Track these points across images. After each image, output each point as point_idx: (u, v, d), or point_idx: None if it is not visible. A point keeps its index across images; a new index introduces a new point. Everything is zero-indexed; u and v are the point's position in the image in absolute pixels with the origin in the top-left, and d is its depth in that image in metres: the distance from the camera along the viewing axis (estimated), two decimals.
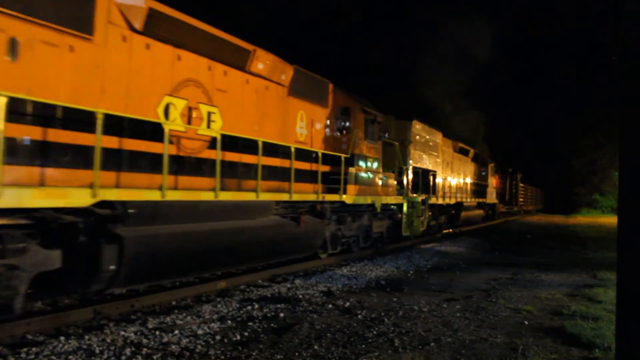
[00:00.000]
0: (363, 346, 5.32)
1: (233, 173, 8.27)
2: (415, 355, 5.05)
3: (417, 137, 16.64)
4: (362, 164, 12.11)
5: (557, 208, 59.48)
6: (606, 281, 9.64)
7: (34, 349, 4.82)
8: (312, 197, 9.94)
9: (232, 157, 8.24)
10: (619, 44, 3.08)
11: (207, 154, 7.68)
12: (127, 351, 4.88)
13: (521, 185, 43.19)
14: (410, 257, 12.94)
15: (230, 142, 8.06)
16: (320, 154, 10.21)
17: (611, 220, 35.61)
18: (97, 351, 4.85)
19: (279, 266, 9.74)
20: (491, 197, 29.76)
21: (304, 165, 10.18)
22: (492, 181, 30.27)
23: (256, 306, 6.93)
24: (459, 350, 5.27)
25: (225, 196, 7.58)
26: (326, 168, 10.83)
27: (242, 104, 8.69)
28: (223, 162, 7.66)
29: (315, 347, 5.24)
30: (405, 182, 15.00)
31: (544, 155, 67.62)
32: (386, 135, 14.38)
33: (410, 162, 15.86)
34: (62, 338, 5.17)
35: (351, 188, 11.47)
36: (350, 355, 5.05)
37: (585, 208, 57.83)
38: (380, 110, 13.44)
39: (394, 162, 14.34)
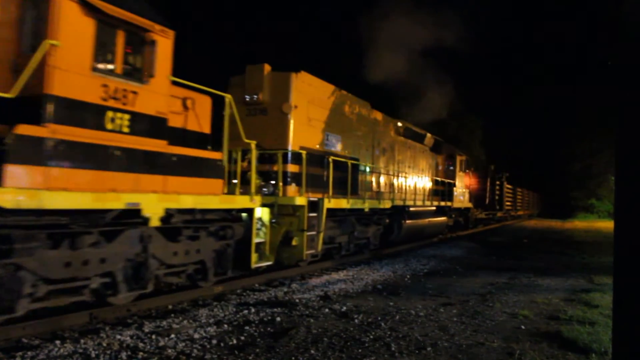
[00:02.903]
0: (360, 350, 5.31)
1: None
2: (412, 359, 5.04)
3: (311, 101, 10.88)
4: (81, 120, 5.66)
5: (553, 213, 59.58)
6: (603, 286, 9.65)
7: (29, 353, 4.81)
8: None
9: None
10: (617, 47, 3.09)
11: None
12: (123, 355, 4.87)
13: (508, 186, 37.61)
14: (407, 262, 12.94)
15: None
16: None
17: (608, 224, 35.68)
18: (93, 355, 4.83)
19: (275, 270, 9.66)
20: (462, 200, 23.15)
21: None
22: (465, 180, 23.97)
23: (253, 310, 6.91)
24: (456, 355, 5.26)
25: None
26: None
27: None
28: None
29: (312, 351, 5.23)
30: (264, 171, 9.67)
31: (541, 160, 67.91)
32: (254, 98, 10.03)
33: (291, 138, 10.14)
34: (57, 342, 5.16)
35: (18, 173, 5.02)
36: (347, 359, 5.04)
37: (582, 213, 57.94)
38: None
39: (266, 136, 9.61)
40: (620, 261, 3.03)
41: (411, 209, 15.77)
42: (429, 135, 19.01)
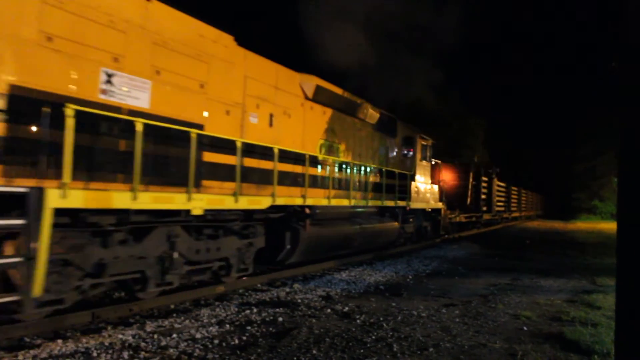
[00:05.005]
0: (362, 351, 5.31)
1: None
2: None
3: (52, 2, 5.36)
4: None
5: (556, 214, 59.47)
6: (605, 287, 9.63)
7: (31, 352, 4.82)
8: None
9: None
10: (619, 49, 3.09)
11: None
12: (125, 354, 4.87)
13: (500, 184, 31.59)
14: (409, 262, 12.93)
15: None
16: None
17: (610, 226, 35.60)
18: (95, 354, 4.84)
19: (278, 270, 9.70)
20: (426, 198, 16.85)
21: None
22: (435, 173, 17.99)
23: (255, 310, 6.92)
24: (458, 356, 5.26)
25: None
26: None
27: None
28: None
29: (314, 351, 5.23)
30: None
31: (544, 161, 67.79)
32: None
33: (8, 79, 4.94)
34: (59, 341, 5.17)
35: None
36: None
37: (584, 214, 57.86)
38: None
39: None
40: (623, 262, 3.03)
41: (318, 210, 10.15)
42: (368, 105, 12.81)
